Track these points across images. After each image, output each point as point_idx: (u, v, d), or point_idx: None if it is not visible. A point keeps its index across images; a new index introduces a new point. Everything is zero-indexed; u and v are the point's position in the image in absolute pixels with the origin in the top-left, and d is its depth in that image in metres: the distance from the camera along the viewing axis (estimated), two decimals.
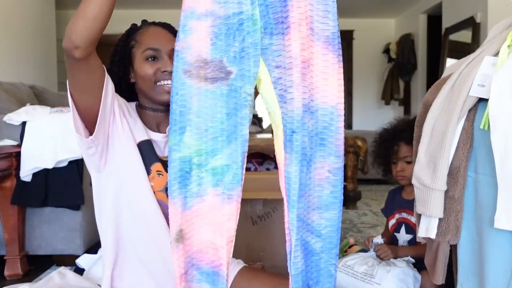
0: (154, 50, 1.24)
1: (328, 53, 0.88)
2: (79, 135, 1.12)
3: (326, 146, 0.89)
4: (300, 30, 0.86)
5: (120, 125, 1.19)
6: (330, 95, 0.89)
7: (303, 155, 0.87)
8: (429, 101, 1.11)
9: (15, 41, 3.90)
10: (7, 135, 2.00)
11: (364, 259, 1.64)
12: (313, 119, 0.88)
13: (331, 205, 0.90)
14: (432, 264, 1.18)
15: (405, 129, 1.69)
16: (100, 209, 1.22)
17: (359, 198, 3.57)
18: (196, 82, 0.87)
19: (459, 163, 1.02)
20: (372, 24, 6.59)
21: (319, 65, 0.88)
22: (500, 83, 0.95)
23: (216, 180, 0.88)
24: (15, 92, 2.58)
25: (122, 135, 1.19)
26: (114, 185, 1.19)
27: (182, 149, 0.87)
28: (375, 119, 6.23)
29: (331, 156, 0.89)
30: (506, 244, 0.95)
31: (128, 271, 1.22)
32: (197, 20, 0.87)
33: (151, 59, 1.24)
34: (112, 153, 1.18)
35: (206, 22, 0.87)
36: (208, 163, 0.88)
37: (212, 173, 0.88)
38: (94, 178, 1.22)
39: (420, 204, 1.06)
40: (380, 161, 1.82)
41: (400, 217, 1.76)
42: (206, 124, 0.87)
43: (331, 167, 0.90)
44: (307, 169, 0.88)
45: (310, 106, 0.88)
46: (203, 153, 0.88)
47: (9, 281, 1.94)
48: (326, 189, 0.90)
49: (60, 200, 1.99)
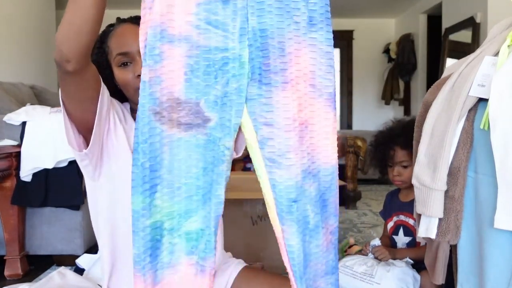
0: (124, 55, 1.13)
1: (330, 111, 0.79)
2: (72, 147, 1.06)
3: (327, 207, 0.82)
4: (298, 89, 0.76)
5: (114, 136, 1.13)
6: (331, 154, 0.80)
7: (305, 223, 0.78)
8: (429, 101, 1.11)
9: (15, 41, 3.90)
10: (7, 135, 2.00)
11: (363, 260, 1.64)
12: (316, 182, 0.79)
13: (334, 269, 0.83)
14: (432, 264, 1.18)
15: (400, 134, 1.69)
16: (96, 217, 1.18)
17: (359, 198, 3.57)
18: (167, 127, 0.72)
19: (459, 163, 1.02)
20: (372, 24, 6.59)
21: (321, 124, 0.79)
22: (500, 83, 0.95)
23: (190, 247, 0.75)
24: (15, 92, 2.58)
25: (117, 145, 1.13)
26: (108, 195, 1.15)
27: (153, 214, 0.73)
28: (375, 119, 6.23)
29: (331, 216, 0.82)
30: (506, 244, 0.95)
31: (124, 283, 1.19)
32: (170, 44, 0.71)
33: (123, 65, 1.14)
34: (107, 164, 1.13)
35: (180, 49, 0.71)
36: (181, 226, 0.74)
37: (186, 239, 0.75)
38: (89, 186, 1.18)
39: (420, 204, 1.06)
40: (377, 164, 1.82)
41: (398, 219, 1.77)
42: (180, 181, 0.73)
43: (332, 227, 0.82)
44: (310, 236, 0.79)
45: (312, 170, 0.79)
46: (176, 215, 0.74)
47: (9, 281, 1.94)
48: (331, 253, 0.83)
49: (60, 200, 1.99)
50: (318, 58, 0.77)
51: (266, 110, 0.75)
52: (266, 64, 0.74)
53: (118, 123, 1.14)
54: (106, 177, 1.14)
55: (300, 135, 0.77)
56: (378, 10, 6.06)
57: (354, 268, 1.60)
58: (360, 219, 3.08)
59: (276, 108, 0.75)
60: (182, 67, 0.72)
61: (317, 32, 0.76)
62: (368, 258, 1.66)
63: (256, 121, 0.76)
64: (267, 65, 0.74)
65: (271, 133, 0.76)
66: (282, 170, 0.76)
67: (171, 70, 0.71)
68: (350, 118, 6.75)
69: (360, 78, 6.68)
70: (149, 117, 0.71)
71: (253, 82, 0.75)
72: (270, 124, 0.76)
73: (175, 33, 0.71)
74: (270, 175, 0.77)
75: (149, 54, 0.70)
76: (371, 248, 1.71)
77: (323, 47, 0.77)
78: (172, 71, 0.71)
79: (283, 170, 0.76)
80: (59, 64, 0.91)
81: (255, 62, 0.74)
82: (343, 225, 2.90)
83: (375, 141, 1.82)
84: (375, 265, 1.59)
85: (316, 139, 0.79)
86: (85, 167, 1.12)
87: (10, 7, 3.84)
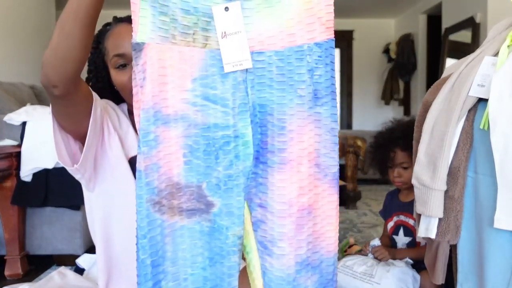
0: (120, 56, 1.09)
1: (334, 193, 0.72)
2: (62, 163, 1.03)
3: None
4: (300, 171, 0.69)
5: (109, 148, 1.10)
6: (333, 242, 0.73)
7: None
8: (429, 101, 1.11)
9: (15, 41, 3.90)
10: (7, 135, 2.00)
11: (363, 260, 1.64)
12: (316, 275, 0.72)
13: None
14: (432, 264, 1.18)
15: (400, 137, 1.69)
16: (92, 224, 1.17)
17: (359, 198, 3.57)
18: (168, 216, 0.67)
19: (459, 163, 1.02)
20: (372, 24, 6.59)
21: (324, 208, 0.72)
22: (499, 83, 0.95)
23: None
24: (15, 92, 2.58)
25: (111, 157, 1.10)
26: (103, 206, 1.13)
27: None
28: (375, 119, 6.23)
29: None
30: (505, 244, 0.95)
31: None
32: (165, 126, 0.66)
33: (121, 67, 1.10)
34: (102, 174, 1.10)
35: (176, 130, 0.66)
36: None
37: None
38: (85, 194, 1.15)
39: (420, 204, 1.06)
40: (377, 165, 1.82)
41: (398, 219, 1.77)
42: (186, 272, 0.68)
43: None
44: None
45: (312, 261, 0.72)
46: None
47: (9, 281, 1.94)
48: None
49: (60, 200, 1.99)
50: (323, 135, 0.71)
51: (262, 191, 0.69)
52: (264, 142, 0.69)
53: (113, 131, 1.11)
54: (102, 189, 1.12)
55: (298, 223, 0.69)
56: (378, 10, 6.06)
57: (354, 268, 1.60)
58: (360, 219, 3.08)
59: (270, 191, 0.69)
60: (180, 149, 0.66)
61: (322, 106, 0.71)
62: (368, 258, 1.66)
63: (252, 201, 0.71)
64: (265, 143, 0.69)
65: (263, 216, 0.70)
66: (272, 258, 0.70)
67: (168, 154, 0.66)
68: (350, 118, 6.75)
69: (360, 78, 6.68)
70: (148, 209, 0.66)
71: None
72: (264, 207, 0.70)
73: (170, 112, 0.66)
74: (261, 261, 0.71)
75: (143, 140, 0.65)
76: (371, 248, 1.71)
77: (327, 123, 0.71)
78: (169, 155, 0.66)
79: (274, 260, 0.70)
80: (46, 88, 0.87)
81: (254, 138, 0.69)
82: (343, 225, 2.90)
83: (374, 143, 1.82)
84: (375, 265, 1.59)
85: (320, 225, 0.71)
86: (79, 179, 1.11)
87: (10, 7, 3.84)
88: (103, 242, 1.15)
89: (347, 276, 1.59)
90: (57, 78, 0.84)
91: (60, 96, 0.88)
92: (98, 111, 1.02)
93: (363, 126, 6.49)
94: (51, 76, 0.84)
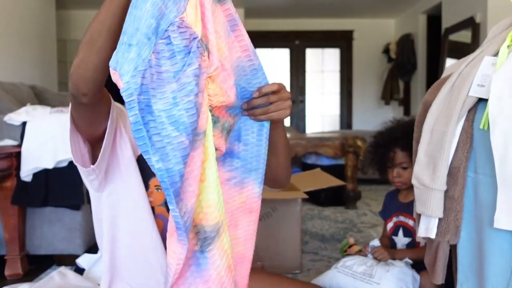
0: None
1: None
2: (78, 165, 1.06)
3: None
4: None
5: (119, 150, 1.12)
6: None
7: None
8: (429, 101, 1.11)
9: (15, 41, 3.90)
10: (7, 135, 2.00)
11: (362, 260, 1.64)
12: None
13: None
14: (432, 264, 1.18)
15: (400, 137, 1.69)
16: (100, 226, 1.17)
17: (359, 198, 3.57)
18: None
19: (459, 163, 1.02)
20: (372, 24, 6.59)
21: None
22: (499, 83, 0.95)
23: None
24: (15, 92, 2.58)
25: (121, 157, 1.13)
26: (112, 207, 1.14)
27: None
28: (375, 119, 6.22)
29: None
30: (505, 244, 0.95)
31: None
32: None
33: None
34: (112, 175, 1.12)
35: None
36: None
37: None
38: (93, 196, 1.17)
39: (420, 204, 1.06)
40: (376, 165, 1.82)
41: (398, 220, 1.77)
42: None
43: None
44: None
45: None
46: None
47: (9, 280, 1.94)
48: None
49: (60, 200, 1.99)
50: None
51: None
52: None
53: (124, 133, 1.13)
54: (111, 189, 1.13)
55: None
56: (378, 10, 6.06)
57: (354, 268, 1.60)
58: (360, 219, 3.09)
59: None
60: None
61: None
62: (368, 258, 1.66)
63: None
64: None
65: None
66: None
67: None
68: (350, 118, 6.75)
69: (360, 78, 6.68)
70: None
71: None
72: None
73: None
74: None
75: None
76: (370, 249, 1.71)
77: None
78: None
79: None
80: (75, 97, 0.90)
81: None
82: (343, 225, 2.91)
83: (374, 143, 1.82)
84: (375, 265, 1.59)
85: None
86: (91, 182, 1.11)
87: (10, 7, 3.84)
88: (110, 242, 1.15)
89: (347, 276, 1.59)
90: (87, 88, 0.88)
91: (88, 103, 0.92)
92: (114, 114, 1.06)
93: (363, 126, 6.50)
94: (82, 87, 0.87)
